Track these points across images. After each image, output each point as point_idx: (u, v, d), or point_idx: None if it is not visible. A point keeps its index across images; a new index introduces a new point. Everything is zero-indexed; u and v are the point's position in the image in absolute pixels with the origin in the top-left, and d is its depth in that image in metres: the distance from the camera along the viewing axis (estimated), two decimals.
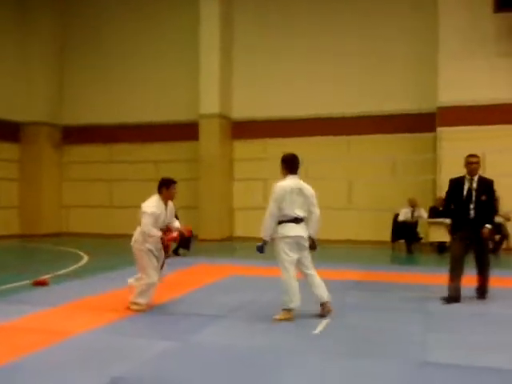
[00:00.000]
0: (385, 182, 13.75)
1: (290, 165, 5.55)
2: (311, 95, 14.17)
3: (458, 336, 4.84)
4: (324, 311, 5.46)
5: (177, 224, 6.05)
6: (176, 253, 11.01)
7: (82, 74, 16.31)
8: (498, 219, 11.66)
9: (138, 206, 5.84)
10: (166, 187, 5.85)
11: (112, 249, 12.84)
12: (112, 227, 15.31)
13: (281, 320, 5.26)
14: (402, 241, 12.07)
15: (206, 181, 14.37)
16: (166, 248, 5.86)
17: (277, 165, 5.66)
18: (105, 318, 5.32)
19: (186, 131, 14.93)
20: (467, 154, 6.78)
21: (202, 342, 4.58)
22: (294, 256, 5.39)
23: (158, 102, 15.52)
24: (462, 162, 13.09)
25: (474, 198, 6.35)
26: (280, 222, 5.39)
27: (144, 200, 5.85)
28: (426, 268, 9.79)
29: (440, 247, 11.43)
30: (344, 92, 13.95)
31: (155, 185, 5.98)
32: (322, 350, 4.38)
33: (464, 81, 12.29)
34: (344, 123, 13.93)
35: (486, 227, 6.30)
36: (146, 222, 5.66)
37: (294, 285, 5.34)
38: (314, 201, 5.59)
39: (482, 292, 6.50)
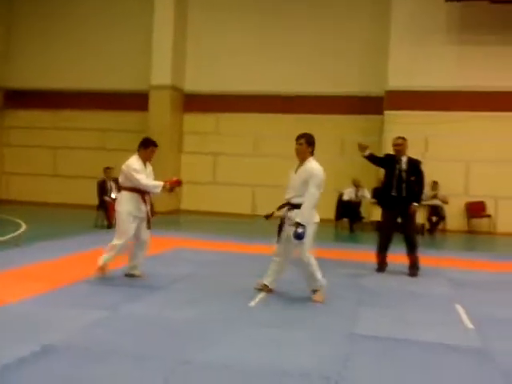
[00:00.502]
0: (333, 162, 13.94)
1: (314, 146, 5.38)
2: (264, 72, 14.13)
3: (386, 310, 5.07)
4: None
5: None
6: None
7: (31, 37, 15.60)
8: (436, 202, 12.24)
9: (83, 176, 5.76)
10: (144, 147, 5.86)
11: (53, 218, 12.54)
12: (55, 196, 14.88)
13: (322, 301, 5.21)
14: (346, 219, 12.39)
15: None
16: (172, 188, 5.82)
17: (228, 139, 5.66)
18: (39, 288, 5.24)
19: (136, 101, 14.60)
20: (411, 137, 7.12)
21: (135, 313, 4.60)
22: None
23: (108, 70, 15.06)
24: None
25: (403, 178, 6.74)
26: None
27: (89, 169, 5.75)
28: (365, 246, 10.09)
29: None
30: (296, 71, 13.98)
31: (102, 154, 5.92)
32: (255, 322, 4.50)
33: (413, 67, 12.58)
34: (295, 102, 13.99)
35: (414, 205, 6.74)
36: (139, 177, 5.65)
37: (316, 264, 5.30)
38: None
39: (413, 269, 6.84)
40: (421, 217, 11.82)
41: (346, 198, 12.31)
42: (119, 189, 6.06)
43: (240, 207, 14.23)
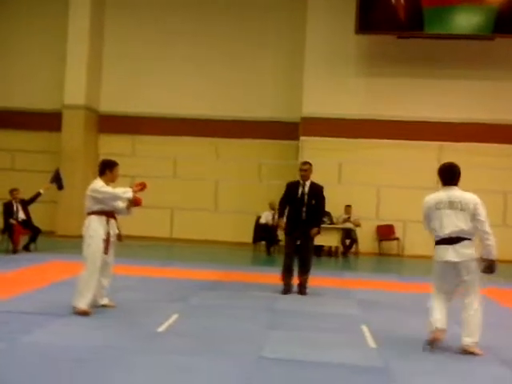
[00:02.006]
0: (251, 186, 14.14)
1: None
2: (183, 95, 14.13)
3: (294, 333, 5.13)
4: None
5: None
6: (27, 248, 10.33)
7: None
8: (348, 225, 12.70)
9: None
10: (109, 169, 5.61)
11: None
12: None
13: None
14: (263, 242, 12.52)
15: (67, 174, 13.59)
16: (137, 203, 5.62)
17: (144, 162, 5.62)
18: None
19: (49, 121, 14.06)
20: (325, 162, 7.38)
21: (34, 342, 4.35)
22: None
23: (19, 88, 14.42)
24: (320, 169, 13.95)
25: (305, 202, 6.97)
26: None
27: None
28: (281, 268, 10.22)
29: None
30: (214, 95, 14.10)
31: (10, 174, 5.59)
32: (162, 349, 4.38)
33: (326, 95, 13.15)
34: (213, 125, 14.06)
35: (314, 228, 6.99)
36: (108, 190, 5.45)
37: None
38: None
39: (303, 288, 7.07)
40: (335, 240, 12.22)
41: (263, 221, 12.47)
42: (91, 214, 5.57)
43: (158, 230, 13.98)
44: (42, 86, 14.23)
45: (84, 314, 5.28)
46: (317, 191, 7.10)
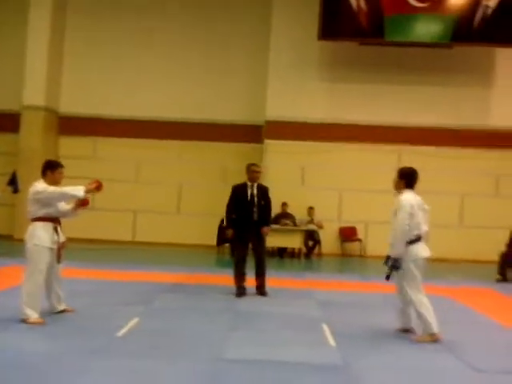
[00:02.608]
0: (215, 188, 14.08)
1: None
2: (145, 97, 13.99)
3: (255, 334, 5.15)
4: None
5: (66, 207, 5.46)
6: None
7: None
8: (311, 226, 12.82)
9: None
10: (50, 170, 5.28)
11: None
12: None
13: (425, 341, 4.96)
14: (227, 244, 12.50)
15: (24, 177, 13.26)
16: (84, 203, 5.37)
17: (106, 164, 5.46)
18: None
19: (6, 122, 13.68)
20: (289, 165, 7.43)
21: None
22: None
23: None
24: (284, 172, 14.02)
25: (256, 203, 7.04)
26: None
27: None
28: (234, 272, 10.23)
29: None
30: (177, 97, 13.99)
31: None
32: (121, 353, 4.33)
33: (289, 99, 13.27)
34: (177, 128, 13.96)
35: (265, 227, 7.10)
36: (53, 190, 5.09)
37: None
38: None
39: (262, 289, 7.10)
40: (297, 241, 12.32)
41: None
42: (36, 220, 5.19)
43: (121, 234, 13.78)
44: (0, 86, 13.83)
45: (38, 323, 5.05)
46: (264, 192, 7.19)
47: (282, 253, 12.61)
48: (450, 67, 13.30)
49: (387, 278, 5.07)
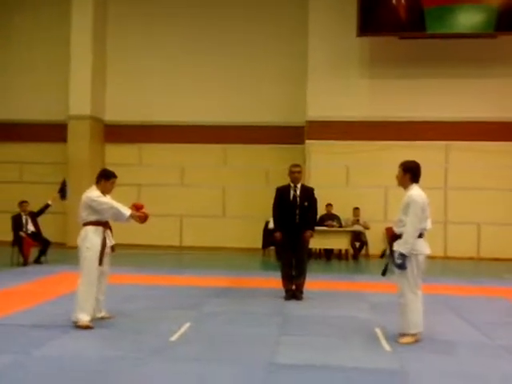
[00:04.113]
0: (259, 191, 14.10)
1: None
2: (188, 102, 14.15)
3: (306, 337, 5.09)
4: None
5: None
6: (38, 262, 10.36)
7: None
8: (357, 227, 12.63)
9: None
10: (104, 179, 5.51)
11: None
12: None
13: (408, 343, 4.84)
14: (272, 247, 12.47)
15: (74, 185, 13.66)
16: (142, 219, 5.45)
17: (151, 170, 5.53)
18: None
19: (55, 132, 14.11)
20: (332, 165, 7.26)
21: (46, 355, 4.33)
22: None
23: (24, 100, 14.50)
24: (328, 172, 13.84)
25: (298, 204, 6.91)
26: None
27: (4, 203, 5.35)
28: (281, 276, 10.18)
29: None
30: (218, 102, 14.09)
31: (18, 187, 5.55)
32: (175, 357, 4.36)
33: (330, 98, 13.10)
34: (219, 132, 14.07)
35: (308, 232, 6.91)
36: (105, 201, 5.29)
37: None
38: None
39: (299, 293, 6.98)
40: (344, 243, 12.16)
41: (271, 225, 12.40)
42: (87, 224, 5.42)
43: (168, 239, 13.98)
44: (47, 98, 14.28)
45: (86, 328, 5.16)
46: (308, 193, 7.04)
47: (329, 255, 12.47)
48: (494, 58, 12.83)
49: (384, 273, 4.93)
